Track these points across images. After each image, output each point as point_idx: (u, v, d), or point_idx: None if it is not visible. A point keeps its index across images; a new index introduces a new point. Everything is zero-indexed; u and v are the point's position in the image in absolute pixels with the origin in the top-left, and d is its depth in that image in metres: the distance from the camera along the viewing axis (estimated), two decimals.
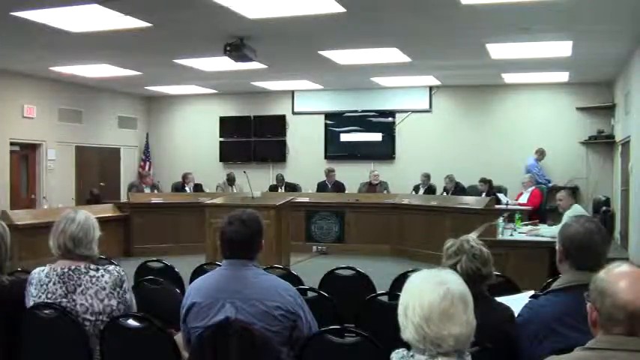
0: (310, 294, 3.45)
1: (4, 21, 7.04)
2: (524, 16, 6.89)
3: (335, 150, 13.21)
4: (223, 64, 9.21)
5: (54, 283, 2.85)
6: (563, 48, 8.52)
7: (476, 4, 6.40)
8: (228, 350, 2.51)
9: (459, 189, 10.91)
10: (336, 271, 4.22)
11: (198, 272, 4.10)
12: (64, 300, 2.82)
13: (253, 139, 13.68)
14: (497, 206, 9.13)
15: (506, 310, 2.61)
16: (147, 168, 13.80)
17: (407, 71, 10.66)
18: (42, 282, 2.88)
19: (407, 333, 1.83)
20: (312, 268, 7.70)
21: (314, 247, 10.31)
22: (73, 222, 2.91)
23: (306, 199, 10.73)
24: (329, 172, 11.66)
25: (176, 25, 7.44)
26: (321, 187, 11.62)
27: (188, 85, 12.72)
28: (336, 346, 2.61)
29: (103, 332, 2.80)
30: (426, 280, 1.86)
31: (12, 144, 11.06)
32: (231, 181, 11.69)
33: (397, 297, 1.93)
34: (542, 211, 10.04)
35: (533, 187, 10.36)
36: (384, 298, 3.42)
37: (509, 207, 9.08)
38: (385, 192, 11.36)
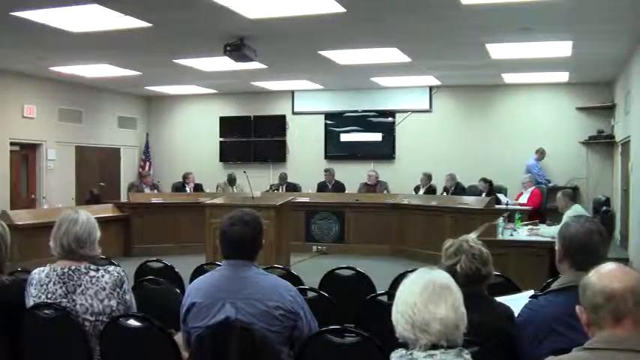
0: (310, 294, 3.45)
1: (4, 21, 7.04)
2: (524, 16, 6.89)
3: (335, 150, 13.20)
4: (223, 64, 9.21)
5: (54, 284, 2.85)
6: (563, 48, 8.52)
7: (476, 4, 6.40)
8: (228, 350, 2.51)
9: (458, 188, 10.91)
10: (336, 271, 4.22)
11: (198, 272, 4.10)
12: (64, 300, 2.82)
13: (253, 139, 13.68)
14: (497, 206, 9.13)
15: (506, 310, 2.62)
16: (147, 168, 13.79)
17: (407, 71, 10.65)
18: (42, 282, 2.88)
19: (399, 327, 1.89)
20: (312, 268, 7.70)
21: (314, 247, 10.30)
22: (76, 223, 2.91)
23: (306, 199, 10.73)
24: (327, 172, 11.67)
25: (176, 25, 7.44)
26: (321, 187, 11.62)
27: (188, 85, 12.72)
28: (336, 346, 2.61)
29: (103, 332, 2.80)
30: (413, 277, 1.97)
31: (12, 144, 11.05)
32: (232, 181, 11.67)
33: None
34: (542, 211, 10.04)
35: (534, 187, 10.37)
36: (384, 298, 3.41)
37: (509, 207, 9.08)
38: (385, 192, 11.36)
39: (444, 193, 10.95)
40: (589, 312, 1.76)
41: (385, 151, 12.89)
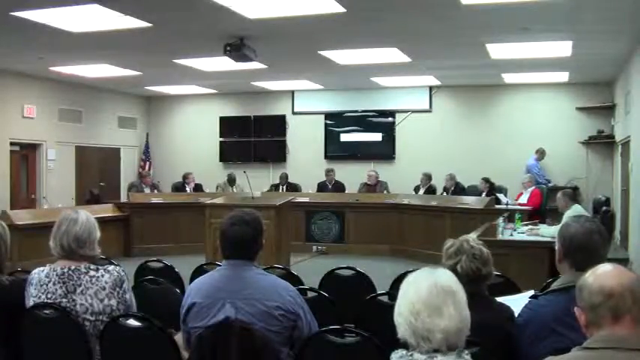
0: (310, 294, 3.45)
1: (4, 21, 7.04)
2: (524, 16, 6.89)
3: (335, 150, 13.20)
4: (223, 64, 9.21)
5: (54, 283, 2.85)
6: (563, 48, 8.52)
7: (476, 4, 6.40)
8: (228, 350, 2.50)
9: (458, 188, 10.91)
10: (336, 271, 4.22)
11: (198, 272, 4.10)
12: (63, 300, 2.82)
13: (253, 139, 13.68)
14: (497, 206, 9.13)
15: (507, 310, 2.62)
16: (147, 168, 13.79)
17: (407, 71, 10.65)
18: (42, 282, 2.88)
19: (401, 330, 1.86)
20: (312, 268, 7.70)
21: (314, 247, 10.31)
22: (75, 223, 2.91)
23: (306, 199, 10.73)
24: (328, 172, 11.67)
25: (176, 25, 7.44)
26: (321, 187, 11.63)
27: (188, 85, 12.72)
28: (336, 346, 2.61)
29: (103, 332, 2.80)
30: (416, 277, 1.91)
31: (12, 144, 11.05)
32: (232, 181, 11.68)
33: (397, 297, 1.94)
34: (542, 211, 10.04)
35: (534, 187, 10.37)
36: (384, 298, 3.41)
37: (510, 207, 9.08)
38: (385, 192, 11.36)
39: (444, 193, 10.95)
40: (587, 312, 1.76)
41: (385, 151, 12.89)
